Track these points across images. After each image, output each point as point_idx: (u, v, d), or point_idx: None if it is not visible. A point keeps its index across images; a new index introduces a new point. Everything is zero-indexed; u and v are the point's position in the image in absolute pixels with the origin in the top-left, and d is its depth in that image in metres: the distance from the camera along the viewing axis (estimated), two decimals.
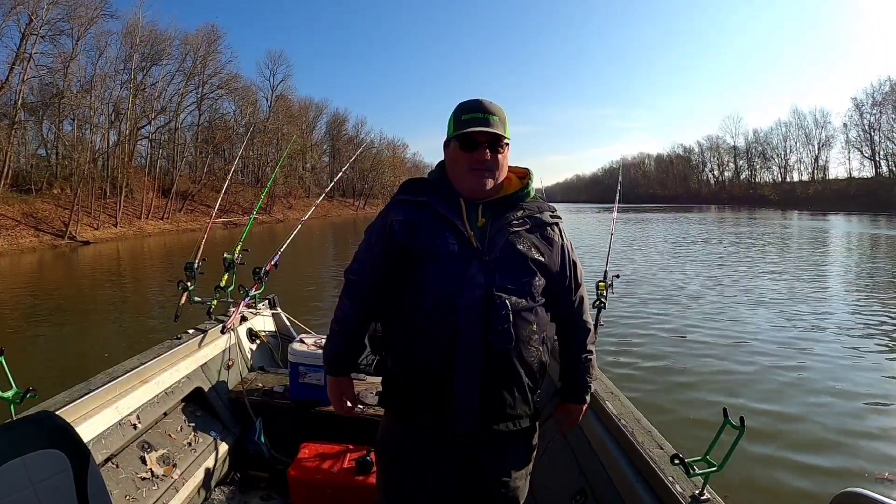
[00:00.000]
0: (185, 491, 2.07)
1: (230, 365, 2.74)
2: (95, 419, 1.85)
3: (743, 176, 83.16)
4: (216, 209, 4.26)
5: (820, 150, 69.54)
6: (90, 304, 9.76)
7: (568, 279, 1.35)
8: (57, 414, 1.49)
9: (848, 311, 7.93)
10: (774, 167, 77.24)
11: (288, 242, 3.41)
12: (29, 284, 12.40)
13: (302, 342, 2.60)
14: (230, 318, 2.86)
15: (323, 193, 5.04)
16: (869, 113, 61.01)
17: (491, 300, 1.20)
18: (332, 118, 62.88)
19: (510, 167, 1.36)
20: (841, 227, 28.89)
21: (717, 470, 1.28)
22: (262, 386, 2.71)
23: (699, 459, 1.30)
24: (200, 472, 2.21)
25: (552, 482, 1.95)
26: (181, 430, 2.30)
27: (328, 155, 62.20)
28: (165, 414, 2.28)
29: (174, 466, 2.11)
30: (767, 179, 78.41)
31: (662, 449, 1.56)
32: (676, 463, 1.32)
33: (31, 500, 1.20)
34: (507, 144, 1.29)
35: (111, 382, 1.98)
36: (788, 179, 74.58)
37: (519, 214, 1.30)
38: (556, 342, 1.44)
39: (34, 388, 1.46)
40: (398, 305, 1.29)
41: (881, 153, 60.12)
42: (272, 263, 3.17)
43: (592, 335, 1.44)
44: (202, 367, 2.56)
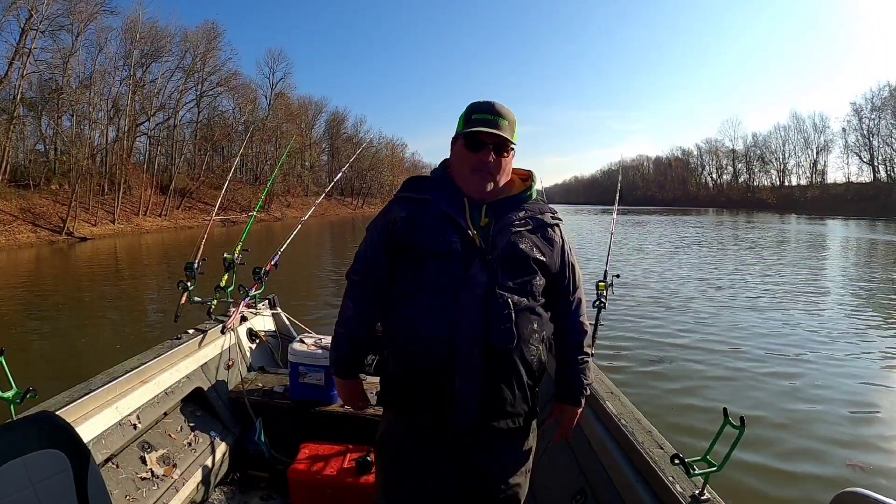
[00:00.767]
0: (185, 491, 2.07)
1: (230, 365, 2.73)
2: (95, 419, 1.85)
3: (741, 179, 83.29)
4: (217, 208, 4.24)
5: (818, 154, 69.67)
6: (88, 301, 9.73)
7: (567, 280, 1.36)
8: (57, 414, 1.49)
9: (845, 314, 7.95)
10: (773, 171, 77.42)
11: (288, 242, 3.41)
12: (27, 281, 12.35)
13: (302, 342, 2.60)
14: (230, 318, 2.85)
15: (323, 193, 5.02)
16: (868, 118, 61.18)
17: (493, 299, 1.21)
18: (331, 117, 62.95)
19: (513, 169, 1.37)
20: (838, 231, 28.96)
21: (717, 470, 1.28)
22: (262, 386, 2.71)
23: (699, 459, 1.31)
24: (200, 472, 2.21)
25: (552, 482, 1.95)
26: (181, 430, 2.30)
27: (327, 154, 62.18)
28: (165, 414, 2.27)
29: (174, 466, 2.11)
30: (766, 183, 78.56)
31: (662, 449, 1.57)
32: (676, 463, 1.32)
33: (31, 500, 1.20)
34: (512, 149, 1.30)
35: (111, 382, 1.97)
36: (787, 183, 74.66)
37: (521, 215, 1.30)
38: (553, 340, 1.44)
39: (34, 388, 1.46)
40: (399, 303, 1.30)
41: (879, 158, 60.30)
42: (272, 263, 3.17)
43: (590, 337, 1.44)
44: (202, 367, 2.56)
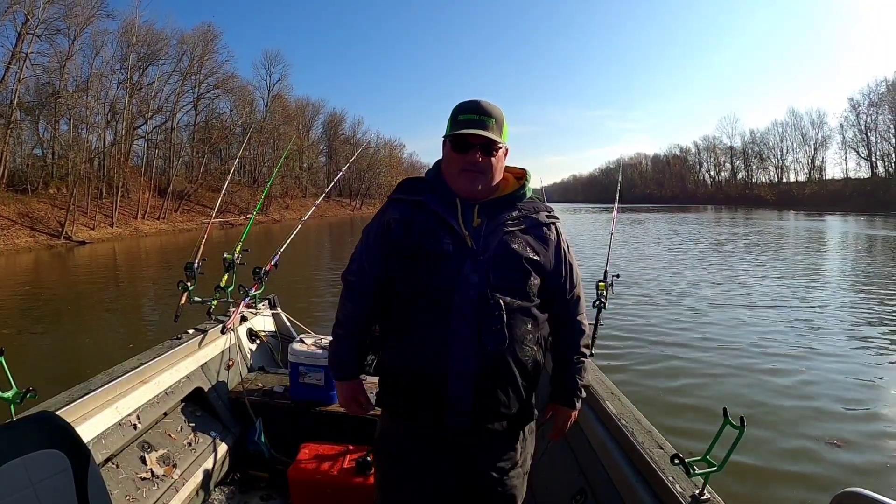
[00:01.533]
0: (185, 491, 2.07)
1: (230, 365, 2.73)
2: (95, 419, 1.85)
3: (739, 176, 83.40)
4: (216, 209, 4.24)
5: (816, 150, 69.76)
6: (88, 303, 9.72)
7: (563, 279, 1.35)
8: (57, 414, 1.49)
9: (845, 311, 7.96)
10: (771, 167, 77.51)
11: (288, 242, 3.41)
12: (26, 284, 12.34)
13: (302, 342, 2.60)
14: (230, 318, 2.85)
15: (322, 194, 5.02)
16: (865, 113, 61.29)
17: (484, 300, 1.20)
18: (328, 118, 62.97)
19: (507, 167, 1.36)
20: (837, 227, 28.99)
21: (717, 470, 1.28)
22: (262, 386, 2.70)
23: (699, 459, 1.31)
24: (200, 472, 2.21)
25: (552, 482, 1.95)
26: (181, 430, 2.30)
27: (325, 155, 62.20)
28: (165, 414, 2.27)
29: (174, 466, 2.10)
30: (764, 180, 78.63)
31: (662, 449, 1.57)
32: (676, 463, 1.32)
33: (31, 500, 1.20)
34: (501, 148, 1.29)
35: (111, 382, 1.97)
36: (785, 180, 74.79)
37: (514, 214, 1.29)
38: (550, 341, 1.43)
39: (34, 388, 1.46)
40: (394, 304, 1.30)
41: (877, 154, 60.41)
42: (272, 263, 3.17)
43: (587, 337, 1.43)
44: (202, 367, 2.56)
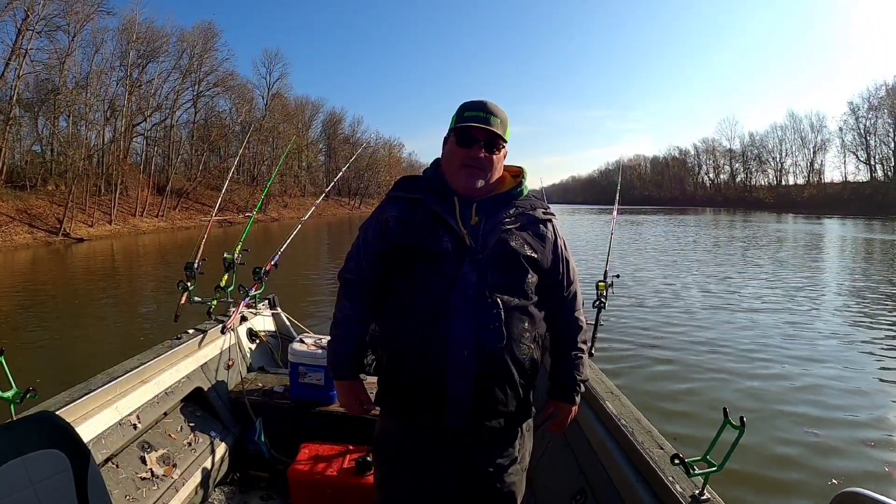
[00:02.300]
0: (185, 491, 2.07)
1: (230, 365, 2.73)
2: (95, 419, 1.85)
3: (738, 179, 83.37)
4: (216, 208, 4.23)
5: (815, 153, 69.72)
6: (87, 302, 9.69)
7: (560, 275, 1.36)
8: (57, 414, 1.48)
9: (844, 313, 7.99)
10: (770, 170, 77.47)
11: (288, 242, 3.40)
12: (24, 282, 12.31)
13: (302, 342, 2.60)
14: (230, 318, 2.85)
15: (322, 193, 5.01)
16: (864, 117, 61.24)
17: (483, 298, 1.20)
18: (328, 117, 62.88)
19: (505, 166, 1.37)
20: (835, 230, 29.05)
21: (717, 470, 1.28)
22: (262, 386, 2.70)
23: (699, 459, 1.31)
24: (200, 472, 2.20)
25: (552, 482, 1.95)
26: (181, 430, 2.29)
27: (324, 154, 62.15)
28: (165, 414, 2.27)
29: (174, 466, 2.10)
30: (763, 183, 78.61)
31: (662, 449, 1.57)
32: (676, 463, 1.32)
33: (31, 500, 1.19)
34: (503, 147, 1.30)
35: (111, 382, 1.97)
36: (784, 183, 74.84)
37: (512, 212, 1.30)
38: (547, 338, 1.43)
39: (34, 388, 1.46)
40: (392, 303, 1.30)
41: (876, 157, 60.36)
42: (272, 263, 3.16)
43: (585, 333, 1.43)
44: (202, 367, 2.56)
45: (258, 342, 3.13)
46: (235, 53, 73.20)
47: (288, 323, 3.38)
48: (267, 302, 3.33)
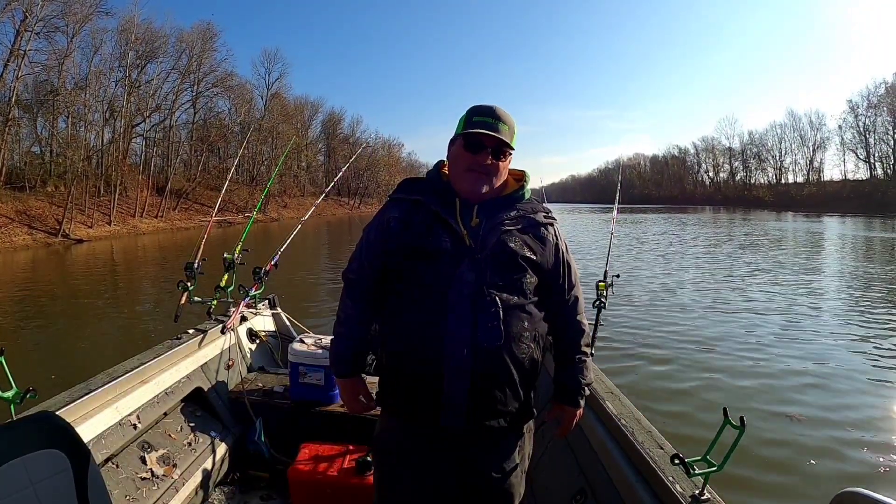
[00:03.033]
0: (185, 491, 2.07)
1: (230, 365, 2.73)
2: (95, 419, 1.85)
3: (738, 177, 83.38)
4: (216, 208, 4.24)
5: (815, 151, 69.77)
6: (87, 302, 9.69)
7: (561, 278, 1.36)
8: (57, 414, 1.48)
9: (844, 312, 7.99)
10: (769, 169, 77.53)
11: (288, 242, 3.40)
12: (24, 283, 12.30)
13: (302, 342, 2.60)
14: (230, 318, 2.85)
15: (322, 193, 5.01)
16: (864, 115, 61.32)
17: (481, 297, 1.21)
18: (327, 117, 62.90)
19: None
20: (835, 229, 29.06)
21: (717, 470, 1.28)
22: (262, 386, 2.70)
23: (699, 459, 1.31)
24: (200, 472, 2.20)
25: (552, 482, 1.95)
26: (181, 430, 2.30)
27: (323, 154, 62.14)
28: (165, 414, 2.27)
29: (174, 466, 2.10)
30: (762, 181, 78.67)
31: (662, 449, 1.57)
32: (676, 463, 1.32)
33: (31, 500, 1.20)
34: (510, 154, 1.31)
35: (111, 382, 1.97)
36: (783, 181, 74.88)
37: (513, 214, 1.31)
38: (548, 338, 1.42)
39: (34, 388, 1.46)
40: (391, 302, 1.31)
41: (876, 155, 60.45)
42: (272, 263, 3.16)
43: (588, 336, 1.43)
44: (202, 367, 2.56)
45: (258, 342, 3.13)
46: (234, 53, 73.24)
47: (288, 323, 3.38)
48: (267, 302, 3.33)
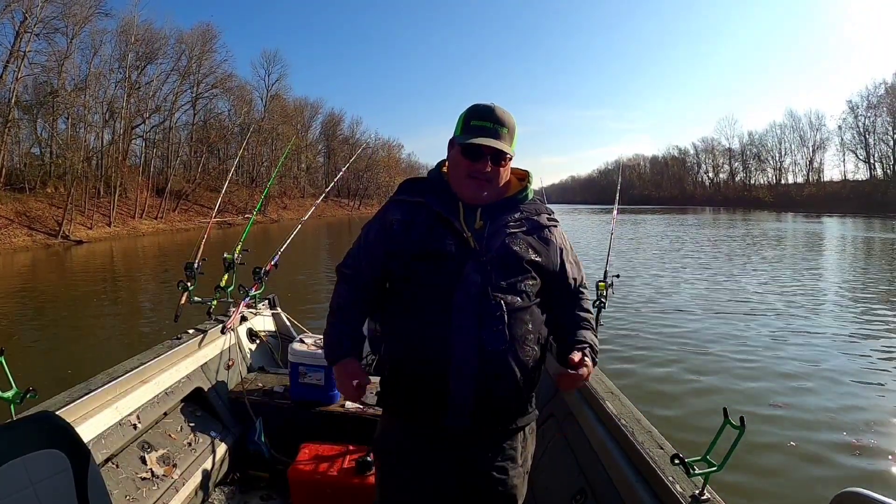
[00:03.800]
0: (185, 491, 2.07)
1: (230, 365, 2.73)
2: (95, 419, 1.84)
3: (738, 178, 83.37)
4: (216, 209, 4.25)
5: (814, 152, 69.72)
6: (87, 303, 9.68)
7: (568, 279, 1.36)
8: (57, 414, 1.48)
9: (843, 313, 7.99)
10: (769, 169, 77.48)
11: (288, 242, 3.41)
12: (24, 284, 12.29)
13: (302, 342, 2.60)
14: (230, 318, 2.85)
15: (323, 194, 5.02)
16: (864, 115, 61.30)
17: (486, 300, 1.20)
18: (327, 118, 62.92)
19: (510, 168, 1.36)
20: (835, 229, 29.07)
21: (717, 470, 1.28)
22: (262, 386, 2.70)
23: (699, 459, 1.31)
24: (200, 472, 2.20)
25: (552, 482, 1.95)
26: (181, 430, 2.29)
27: (323, 155, 62.16)
28: (165, 414, 2.27)
29: (174, 466, 2.10)
30: (762, 182, 78.66)
31: (662, 449, 1.57)
32: (676, 463, 1.32)
33: (31, 500, 1.20)
34: (510, 158, 1.29)
35: (111, 382, 1.97)
36: (783, 181, 74.91)
37: (517, 216, 1.30)
38: (550, 340, 1.41)
39: (34, 388, 1.46)
40: (394, 304, 1.30)
41: (876, 156, 60.43)
42: (272, 263, 3.16)
43: (593, 318, 1.43)
44: (202, 367, 2.56)
45: (258, 342, 3.13)
46: (234, 55, 73.36)
47: (288, 323, 3.38)
48: (267, 302, 3.33)
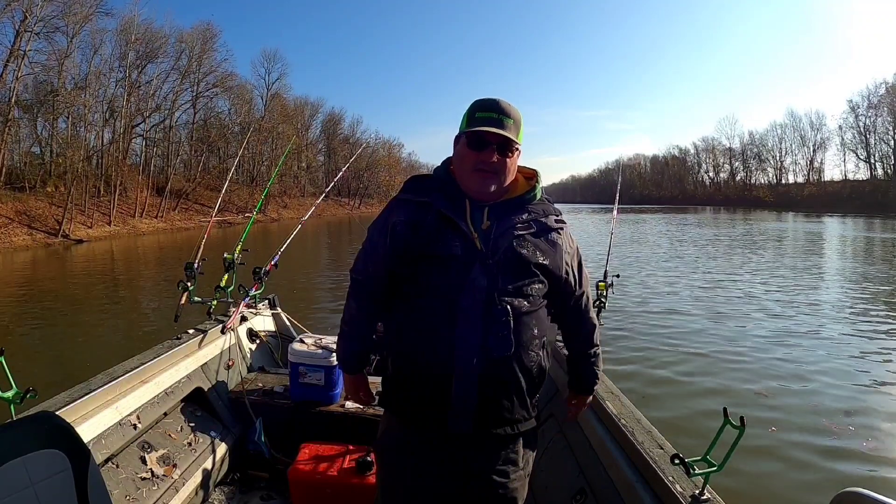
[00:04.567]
0: (185, 491, 2.07)
1: (230, 365, 2.73)
2: (95, 419, 1.84)
3: (738, 177, 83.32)
4: (216, 208, 4.24)
5: (815, 152, 69.67)
6: (86, 302, 9.69)
7: (574, 282, 1.35)
8: (57, 414, 1.48)
9: (844, 314, 7.99)
10: (770, 169, 77.43)
11: (288, 242, 3.41)
12: (24, 283, 12.29)
13: (302, 342, 2.60)
14: (230, 318, 2.85)
15: (322, 193, 5.02)
16: (864, 115, 61.24)
17: (492, 304, 1.19)
18: (327, 117, 62.88)
19: (518, 167, 1.34)
20: (835, 229, 29.05)
21: (717, 470, 1.28)
22: (262, 386, 2.71)
23: (699, 459, 1.31)
24: (200, 472, 2.20)
25: (552, 482, 1.95)
26: (181, 430, 2.29)
27: (323, 154, 62.16)
28: (165, 414, 2.27)
29: (174, 466, 2.10)
30: (763, 181, 78.60)
31: (662, 449, 1.57)
32: (676, 463, 1.32)
33: (31, 500, 1.19)
34: (517, 149, 1.27)
35: (111, 382, 1.97)
36: (783, 181, 74.86)
37: (524, 217, 1.28)
38: (555, 345, 1.43)
39: (34, 388, 1.46)
40: (399, 306, 1.29)
41: (876, 155, 60.39)
42: (272, 263, 3.16)
43: (598, 330, 1.47)
44: (202, 367, 2.56)
45: (258, 342, 3.13)
46: (234, 54, 73.22)
47: (288, 323, 3.38)
48: (267, 302, 3.33)
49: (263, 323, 3.27)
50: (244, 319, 3.04)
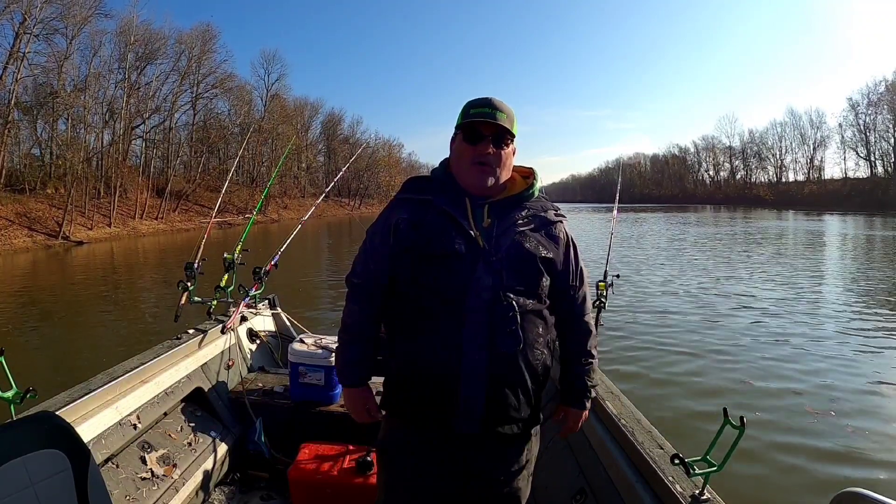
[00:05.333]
0: (185, 491, 2.07)
1: (230, 365, 2.73)
2: (95, 419, 1.85)
3: (738, 176, 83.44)
4: (216, 209, 4.24)
5: (815, 150, 69.89)
6: (87, 303, 9.70)
7: (572, 278, 1.34)
8: (57, 414, 1.48)
9: (845, 312, 8.00)
10: (770, 167, 77.59)
11: (288, 242, 3.41)
12: (24, 285, 12.30)
13: (302, 342, 2.60)
14: (230, 318, 2.86)
15: (323, 193, 5.02)
16: (864, 113, 61.40)
17: (498, 302, 1.18)
18: (327, 118, 62.89)
19: (514, 166, 1.35)
20: (836, 227, 29.04)
21: (717, 470, 1.28)
22: (262, 386, 2.71)
23: (699, 459, 1.31)
24: (200, 472, 2.21)
25: (552, 482, 1.95)
26: (181, 430, 2.30)
27: (323, 154, 62.18)
28: (165, 414, 2.27)
29: (174, 466, 2.10)
30: (763, 180, 78.74)
31: (662, 449, 1.57)
32: (676, 463, 1.32)
33: (31, 500, 1.19)
34: (511, 142, 1.28)
35: (111, 382, 1.97)
36: (784, 180, 74.95)
37: (524, 214, 1.28)
38: (556, 345, 1.41)
39: (34, 388, 1.46)
40: (402, 307, 1.28)
41: (876, 153, 60.55)
42: (272, 263, 3.17)
43: (594, 338, 1.42)
44: (202, 367, 2.56)
45: (258, 342, 3.14)
46: (234, 55, 73.34)
47: (288, 323, 3.38)
48: (267, 302, 3.33)
49: (263, 323, 3.27)
50: (244, 319, 3.05)
